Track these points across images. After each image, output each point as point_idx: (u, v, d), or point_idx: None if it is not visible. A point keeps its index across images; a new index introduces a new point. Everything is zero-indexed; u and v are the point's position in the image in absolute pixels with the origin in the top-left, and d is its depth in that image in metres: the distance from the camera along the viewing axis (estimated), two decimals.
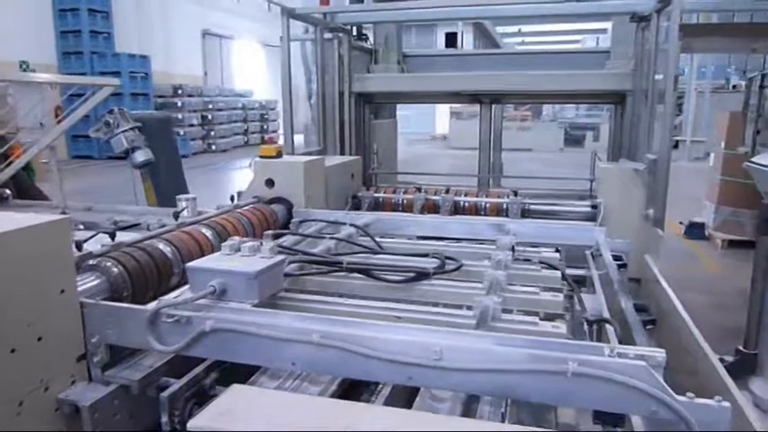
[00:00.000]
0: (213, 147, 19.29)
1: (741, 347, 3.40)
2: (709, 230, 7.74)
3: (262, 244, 1.83)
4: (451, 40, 21.74)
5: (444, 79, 4.42)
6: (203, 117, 19.07)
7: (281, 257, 1.82)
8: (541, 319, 1.86)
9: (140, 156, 4.42)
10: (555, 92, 4.38)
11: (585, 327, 1.99)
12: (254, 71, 25.63)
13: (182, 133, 17.40)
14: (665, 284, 2.62)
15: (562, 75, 4.12)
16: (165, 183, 4.85)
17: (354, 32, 5.27)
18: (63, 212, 3.83)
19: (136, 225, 3.37)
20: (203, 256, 2.09)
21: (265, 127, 23.27)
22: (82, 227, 3.32)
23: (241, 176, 13.90)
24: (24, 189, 4.39)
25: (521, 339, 1.40)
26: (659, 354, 1.34)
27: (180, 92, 18.31)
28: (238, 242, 1.84)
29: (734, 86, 17.06)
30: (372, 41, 5.41)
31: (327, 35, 4.22)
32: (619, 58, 4.34)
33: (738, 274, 6.38)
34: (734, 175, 7.24)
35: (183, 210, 2.68)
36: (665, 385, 1.26)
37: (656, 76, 3.45)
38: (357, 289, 2.08)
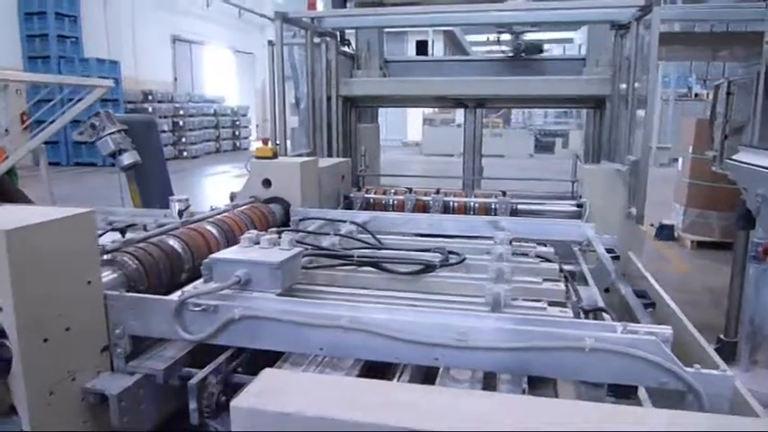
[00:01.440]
0: (185, 153, 19.11)
1: (722, 336, 3.57)
2: (678, 232, 8.04)
3: (280, 237, 1.89)
4: (422, 47, 21.96)
5: (430, 84, 4.53)
6: (174, 123, 18.90)
7: (298, 249, 1.88)
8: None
9: (127, 158, 4.42)
10: (538, 96, 4.53)
11: (582, 316, 2.10)
12: (224, 77, 25.49)
13: None
14: (650, 278, 2.75)
15: (546, 80, 4.28)
16: (151, 186, 4.84)
17: (338, 38, 5.36)
18: None
19: (132, 225, 3.38)
20: (211, 252, 2.12)
21: (237, 133, 23.13)
22: None
23: (213, 182, 13.80)
24: (8, 192, 4.33)
25: (538, 320, 1.49)
26: (667, 330, 1.45)
27: (150, 97, 18.11)
28: (256, 235, 1.90)
29: (696, 95, 17.72)
30: (355, 47, 5.50)
31: (316, 39, 4.28)
32: (594, 65, 4.52)
33: (707, 273, 6.66)
34: (702, 178, 7.55)
35: (187, 208, 2.71)
36: (675, 358, 1.37)
37: (635, 83, 3.61)
38: (367, 281, 2.15)
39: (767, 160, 3.33)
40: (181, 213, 2.64)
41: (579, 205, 3.60)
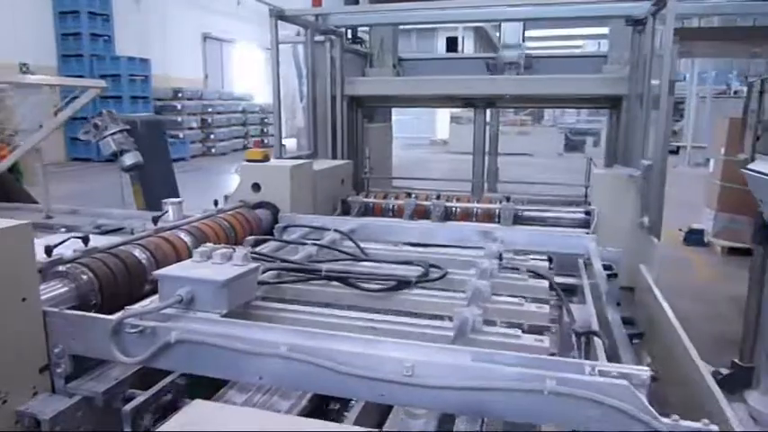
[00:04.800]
0: (213, 150, 19.23)
1: (737, 360, 3.31)
2: (708, 237, 7.66)
3: (234, 251, 1.76)
4: (452, 44, 21.69)
5: (437, 83, 4.36)
6: (203, 120, 19.04)
7: (253, 265, 1.75)
8: (525, 332, 1.79)
9: (129, 159, 4.36)
10: (549, 96, 4.31)
11: (573, 339, 1.92)
12: (253, 75, 25.62)
13: (181, 136, 17.37)
14: (658, 294, 2.54)
15: (556, 79, 4.06)
16: (155, 186, 4.78)
17: (349, 36, 5.22)
18: (47, 216, 3.78)
19: (119, 229, 3.31)
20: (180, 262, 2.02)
21: (265, 130, 23.23)
22: (64, 230, 3.26)
23: (236, 180, 13.79)
24: (11, 191, 4.33)
25: (497, 355, 1.33)
26: (643, 372, 1.27)
27: (179, 95, 18.28)
28: (210, 249, 1.77)
29: (735, 92, 17.03)
30: (368, 45, 5.37)
31: (319, 38, 4.16)
32: (615, 63, 4.28)
33: (735, 281, 6.30)
34: (734, 181, 7.16)
35: (163, 214, 2.61)
36: (649, 406, 1.19)
37: (653, 81, 3.38)
38: (336, 297, 2.01)
39: None
40: (155, 220, 2.53)
41: (587, 213, 3.39)
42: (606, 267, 2.35)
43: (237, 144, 20.94)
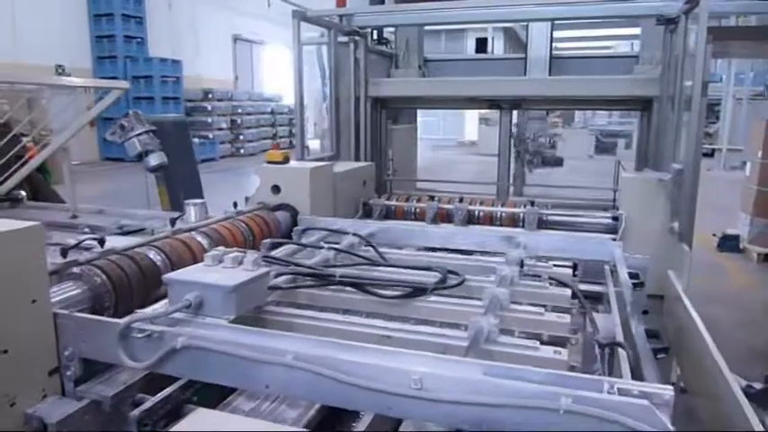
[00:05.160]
0: (242, 150, 19.44)
1: None
2: (743, 243, 7.42)
3: (246, 254, 1.73)
4: (482, 45, 21.49)
5: (462, 84, 4.28)
6: (232, 121, 19.26)
7: (264, 270, 1.72)
8: (545, 342, 1.72)
9: (154, 159, 4.39)
10: (577, 97, 4.20)
11: (597, 350, 1.85)
12: (283, 76, 25.80)
13: (210, 137, 17.60)
14: (687, 304, 2.43)
15: (584, 80, 3.95)
16: (180, 187, 4.82)
17: (375, 36, 5.18)
18: (73, 215, 3.83)
19: (141, 230, 3.32)
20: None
21: (293, 131, 23.37)
22: (87, 229, 3.29)
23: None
24: (39, 191, 4.40)
25: (511, 369, 1.27)
26: (667, 391, 1.19)
27: (210, 96, 18.51)
28: (222, 253, 1.75)
29: None
30: (394, 46, 5.32)
31: (343, 39, 4.12)
32: (647, 63, 4.15)
33: None
34: None
35: (180, 216, 2.60)
36: (670, 427, 1.12)
37: (685, 82, 3.26)
38: (350, 303, 1.96)
39: None
40: (173, 221, 2.52)
41: (615, 218, 3.28)
42: (632, 276, 2.25)
43: (266, 145, 21.07)
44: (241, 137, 19.63)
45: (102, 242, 2.15)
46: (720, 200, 8.63)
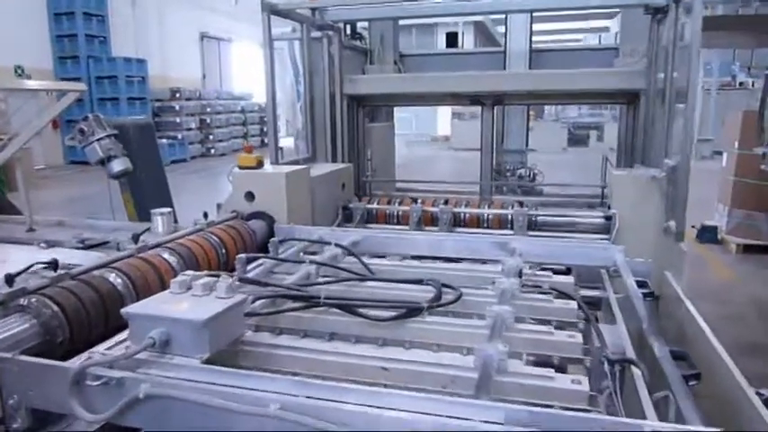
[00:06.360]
0: (212, 150, 19.01)
1: None
2: (722, 234, 7.41)
3: (219, 279, 1.52)
4: (452, 40, 21.42)
5: (442, 80, 4.10)
6: (201, 121, 18.81)
7: (240, 297, 1.51)
8: (556, 365, 1.56)
9: (117, 165, 4.11)
10: (561, 91, 4.05)
11: (606, 367, 1.68)
12: (253, 74, 25.34)
13: (179, 137, 17.14)
14: (690, 307, 2.31)
15: (569, 73, 3.80)
16: (147, 194, 4.54)
17: (348, 31, 4.97)
18: (30, 228, 3.54)
19: (104, 243, 3.07)
20: (165, 288, 1.76)
21: (265, 130, 22.99)
22: (44, 245, 3.02)
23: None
24: None
25: (535, 413, 1.09)
26: None
27: (178, 95, 18.03)
28: (190, 278, 1.53)
29: (741, 84, 16.71)
30: (368, 41, 5.12)
31: (316, 33, 3.90)
32: (628, 56, 4.02)
33: (754, 281, 6.05)
34: (749, 176, 6.92)
35: (145, 231, 2.37)
36: None
37: (676, 74, 3.13)
38: (338, 326, 1.76)
39: None
40: (136, 238, 2.29)
41: (608, 217, 3.14)
42: (640, 284, 2.10)
43: (237, 144, 20.69)
44: (211, 137, 19.18)
45: (55, 266, 1.91)
46: (695, 191, 8.63)
